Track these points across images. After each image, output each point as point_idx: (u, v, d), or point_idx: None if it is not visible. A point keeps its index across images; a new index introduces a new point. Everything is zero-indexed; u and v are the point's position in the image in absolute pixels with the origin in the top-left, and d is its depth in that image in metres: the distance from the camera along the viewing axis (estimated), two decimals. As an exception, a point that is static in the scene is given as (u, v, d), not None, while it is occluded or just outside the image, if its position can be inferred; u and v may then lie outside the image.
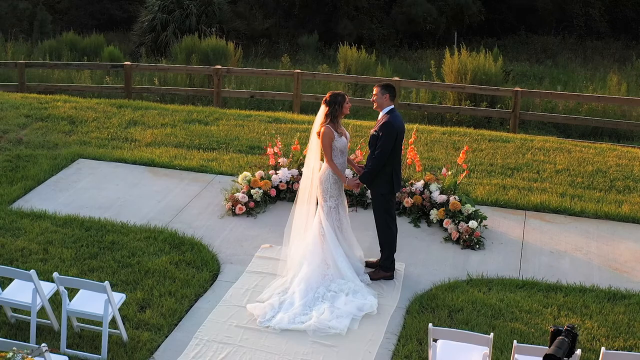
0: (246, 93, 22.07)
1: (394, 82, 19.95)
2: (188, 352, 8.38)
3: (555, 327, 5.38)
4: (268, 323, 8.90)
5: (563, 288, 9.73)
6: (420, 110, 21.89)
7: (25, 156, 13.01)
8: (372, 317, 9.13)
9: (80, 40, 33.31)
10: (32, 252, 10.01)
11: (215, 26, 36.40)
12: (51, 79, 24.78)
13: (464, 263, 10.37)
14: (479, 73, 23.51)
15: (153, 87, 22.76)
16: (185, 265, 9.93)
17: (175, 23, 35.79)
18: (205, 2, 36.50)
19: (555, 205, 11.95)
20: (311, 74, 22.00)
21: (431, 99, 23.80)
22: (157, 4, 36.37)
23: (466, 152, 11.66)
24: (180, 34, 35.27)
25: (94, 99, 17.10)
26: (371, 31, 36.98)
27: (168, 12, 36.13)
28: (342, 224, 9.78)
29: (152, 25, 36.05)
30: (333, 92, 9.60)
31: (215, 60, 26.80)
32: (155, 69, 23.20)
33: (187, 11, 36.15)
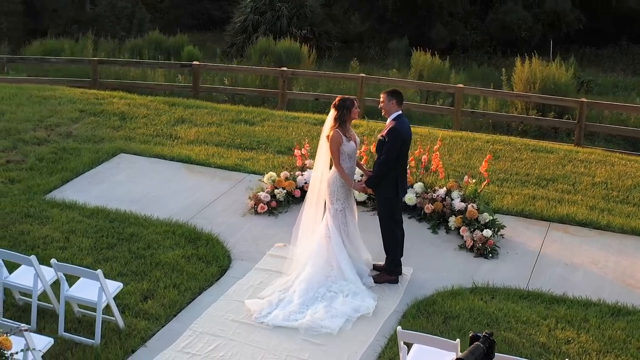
0: (311, 95, 22.38)
1: (458, 89, 19.91)
2: (179, 342, 8.67)
3: (474, 334, 5.43)
4: (263, 319, 9.12)
5: (567, 301, 9.64)
6: (484, 118, 21.76)
7: (71, 149, 13.60)
8: (367, 318, 9.24)
9: (165, 40, 34.20)
10: (53, 240, 10.50)
11: (307, 28, 36.87)
12: (128, 76, 25.58)
13: (474, 271, 10.37)
14: (548, 82, 23.18)
15: (220, 87, 23.31)
16: (196, 259, 10.24)
17: (266, 25, 36.37)
18: (297, 4, 36.98)
19: (582, 218, 11.80)
20: (375, 79, 22.12)
21: (499, 107, 23.58)
22: (249, 6, 37.04)
23: (488, 161, 11.64)
24: (271, 35, 35.85)
25: (148, 96, 17.62)
26: (464, 37, 36.74)
27: (260, 14, 36.76)
28: (349, 227, 9.91)
29: (244, 26, 36.74)
30: (342, 97, 9.76)
31: (288, 62, 27.21)
32: (222, 69, 23.75)
33: (279, 13, 36.69)
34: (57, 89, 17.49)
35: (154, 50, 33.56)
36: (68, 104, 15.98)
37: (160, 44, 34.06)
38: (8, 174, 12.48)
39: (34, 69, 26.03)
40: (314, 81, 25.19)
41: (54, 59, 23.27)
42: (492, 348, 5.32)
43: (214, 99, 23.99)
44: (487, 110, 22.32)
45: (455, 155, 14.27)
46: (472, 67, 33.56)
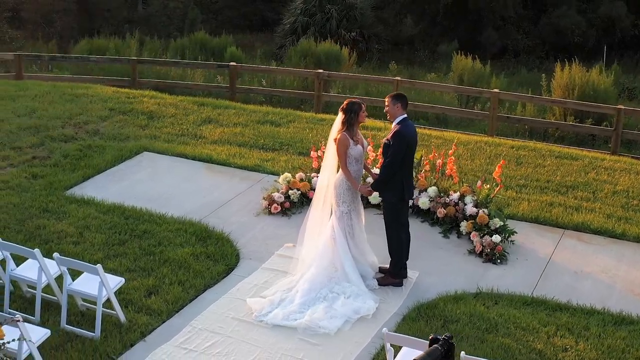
0: (345, 98, 22.37)
1: (493, 93, 19.80)
2: (178, 337, 8.83)
3: (434, 336, 5.46)
4: (263, 318, 9.24)
5: (570, 308, 9.58)
6: (520, 123, 21.61)
7: (96, 146, 13.89)
8: (367, 320, 9.30)
9: (210, 40, 34.53)
10: (67, 235, 10.75)
11: (356, 31, 36.97)
12: (168, 76, 25.94)
13: (480, 276, 10.36)
14: (587, 89, 22.89)
15: (257, 88, 23.49)
16: (204, 257, 10.40)
17: (315, 26, 36.58)
18: (347, 6, 37.12)
19: (597, 226, 11.69)
20: (410, 82, 22.11)
21: (538, 113, 23.39)
22: (299, 7, 37.29)
23: (502, 166, 11.58)
24: (320, 37, 36.06)
25: (181, 96, 17.87)
26: (516, 42, 36.49)
27: (309, 16, 36.98)
28: (354, 230, 9.97)
29: (293, 27, 36.99)
30: (350, 100, 9.83)
31: (328, 64, 27.32)
32: (259, 70, 23.91)
33: (328, 15, 36.85)
34: (90, 87, 17.87)
35: (199, 50, 33.94)
36: (99, 102, 16.30)
37: (205, 44, 34.42)
38: (32, 170, 12.80)
39: (79, 67, 26.53)
40: (354, 84, 25.28)
41: (94, 58, 23.72)
42: (450, 351, 5.34)
43: (251, 100, 24.29)
44: (524, 116, 22.08)
45: (478, 160, 14.23)
46: (520, 72, 33.34)
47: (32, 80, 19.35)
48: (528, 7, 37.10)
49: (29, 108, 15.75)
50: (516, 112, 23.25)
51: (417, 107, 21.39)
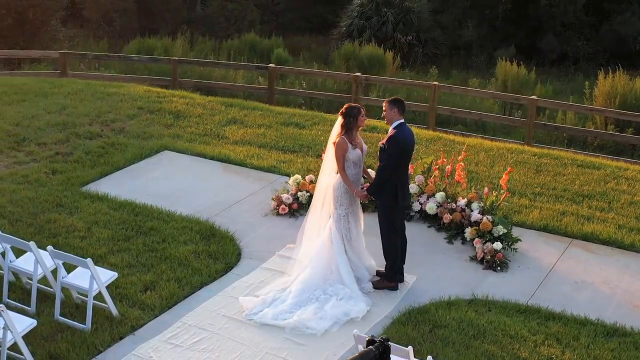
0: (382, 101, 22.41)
1: (531, 100, 19.65)
2: (166, 332, 9.03)
3: (372, 337, 5.54)
4: (253, 316, 9.38)
5: (564, 318, 9.52)
6: (558, 131, 21.40)
7: (118, 144, 14.21)
8: (356, 322, 9.36)
9: (260, 42, 34.85)
10: (76, 229, 11.06)
11: (412, 34, 36.98)
12: (211, 77, 26.29)
13: (478, 283, 10.34)
14: (629, 97, 22.55)
15: (295, 90, 23.67)
16: (205, 255, 10.59)
17: (371, 30, 36.69)
18: (403, 10, 37.13)
19: (606, 236, 11.56)
20: (448, 87, 22.04)
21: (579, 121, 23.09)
22: (356, 10, 37.43)
23: (509, 173, 11.56)
24: (376, 40, 36.15)
25: (209, 96, 18.13)
26: (576, 48, 35.97)
27: (366, 19, 37.11)
28: (351, 233, 10.05)
29: (349, 30, 37.14)
30: (350, 105, 9.92)
31: (370, 68, 27.40)
32: (297, 72, 24.10)
33: (384, 18, 36.93)
34: (123, 86, 18.25)
35: (248, 51, 34.33)
36: (128, 101, 16.65)
37: (255, 45, 34.79)
38: (53, 165, 13.16)
39: (126, 66, 27.06)
40: (395, 88, 25.25)
41: (136, 58, 24.18)
42: (385, 353, 5.42)
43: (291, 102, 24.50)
44: (563, 124, 21.82)
45: (497, 167, 14.16)
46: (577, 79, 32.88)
47: (68, 78, 19.82)
48: (590, 14, 36.53)
49: (60, 105, 16.18)
50: (556, 119, 22.97)
51: (454, 113, 21.35)
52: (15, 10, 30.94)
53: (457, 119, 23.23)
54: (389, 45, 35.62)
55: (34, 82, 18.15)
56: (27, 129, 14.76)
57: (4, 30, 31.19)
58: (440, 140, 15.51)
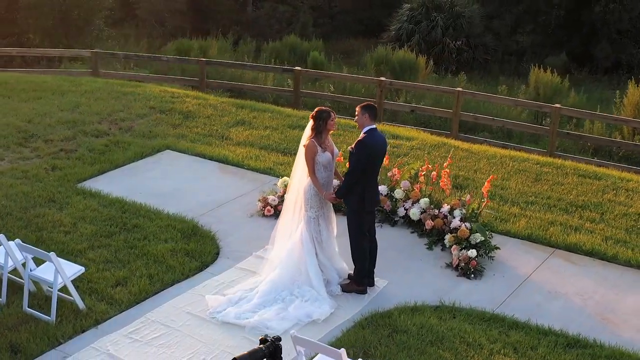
0: (407, 107, 22.51)
1: (554, 109, 19.47)
2: (129, 327, 9.26)
3: (265, 336, 5.67)
4: (216, 315, 9.56)
5: (527, 327, 9.49)
6: (582, 140, 21.19)
7: (122, 142, 14.54)
8: (317, 324, 9.48)
9: (300, 44, 35.04)
10: (62, 224, 11.38)
11: (462, 39, 36.91)
12: (243, 78, 26.59)
13: (450, 290, 10.36)
14: (658, 108, 22.22)
15: (320, 93, 23.81)
16: (182, 254, 10.81)
17: (420, 34, 36.71)
18: (454, 15, 37.08)
19: (589, 247, 11.47)
20: (472, 94, 21.97)
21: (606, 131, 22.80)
22: (406, 14, 37.51)
23: (491, 181, 11.56)
24: (425, 44, 36.19)
25: (222, 97, 18.39)
26: (631, 56, 35.45)
27: (415, 23, 37.13)
28: (322, 235, 10.17)
29: (398, 34, 37.23)
30: (320, 108, 10.04)
31: (402, 73, 27.42)
32: (322, 75, 24.25)
33: (433, 23, 36.93)
34: (140, 85, 18.63)
35: (289, 53, 34.57)
36: (142, 101, 17.00)
37: (295, 47, 35.00)
38: (54, 162, 13.54)
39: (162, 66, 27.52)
40: (420, 93, 25.28)
41: (165, 58, 24.60)
42: (276, 352, 5.54)
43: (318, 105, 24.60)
44: (588, 134, 21.56)
45: (496, 174, 14.08)
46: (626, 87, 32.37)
47: (87, 77, 20.28)
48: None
49: (74, 103, 16.60)
50: (584, 129, 22.71)
51: (478, 120, 21.25)
52: (59, 10, 31.69)
53: (484, 126, 23.14)
54: (438, 50, 35.67)
55: (55, 80, 18.65)
56: (38, 126, 15.20)
57: (49, 29, 31.98)
58: (444, 146, 15.51)
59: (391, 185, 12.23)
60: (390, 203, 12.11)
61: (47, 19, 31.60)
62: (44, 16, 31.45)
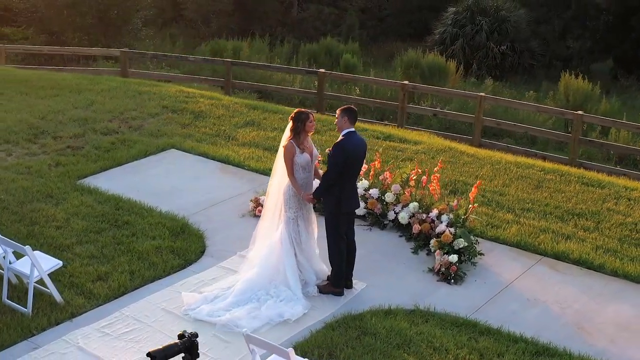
0: (429, 111, 22.51)
1: (576, 115, 19.29)
2: (102, 321, 9.46)
3: (183, 332, 5.80)
4: (189, 312, 9.72)
5: (498, 334, 9.46)
6: (603, 148, 20.97)
7: (129, 140, 14.81)
8: (288, 324, 9.58)
9: (337, 46, 35.15)
10: (55, 219, 11.65)
11: (506, 44, 36.75)
12: (271, 80, 26.81)
13: (428, 294, 10.38)
14: (686, 117, 21.85)
15: (343, 95, 23.89)
16: (167, 251, 11.00)
17: (464, 38, 36.67)
18: (499, 19, 36.96)
19: (577, 256, 11.39)
20: (494, 99, 21.88)
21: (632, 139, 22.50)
22: (450, 18, 37.52)
23: (478, 187, 11.53)
24: (469, 49, 36.13)
25: (239, 98, 18.57)
26: None
27: (459, 27, 37.09)
28: (301, 236, 10.27)
29: (442, 38, 37.23)
30: (299, 110, 10.16)
31: (431, 77, 27.37)
32: (346, 78, 24.30)
33: (478, 27, 36.85)
34: (157, 85, 18.92)
35: (324, 55, 34.73)
36: (156, 100, 17.28)
37: (331, 50, 35.16)
38: (59, 158, 13.85)
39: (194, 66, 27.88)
40: (445, 98, 25.22)
41: (192, 58, 24.89)
42: (192, 348, 5.66)
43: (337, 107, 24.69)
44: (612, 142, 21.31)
45: (497, 180, 14.09)
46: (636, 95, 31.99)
47: (106, 76, 20.63)
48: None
49: (89, 101, 16.94)
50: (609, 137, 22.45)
51: (499, 125, 21.15)
52: (97, 9, 32.27)
53: (509, 132, 23.03)
54: (481, 55, 35.54)
55: (75, 78, 19.04)
56: (50, 123, 15.55)
57: (87, 28, 32.58)
58: (449, 151, 15.50)
59: (382, 189, 12.27)
60: (381, 206, 12.15)
61: (85, 18, 32.19)
62: (82, 15, 32.05)
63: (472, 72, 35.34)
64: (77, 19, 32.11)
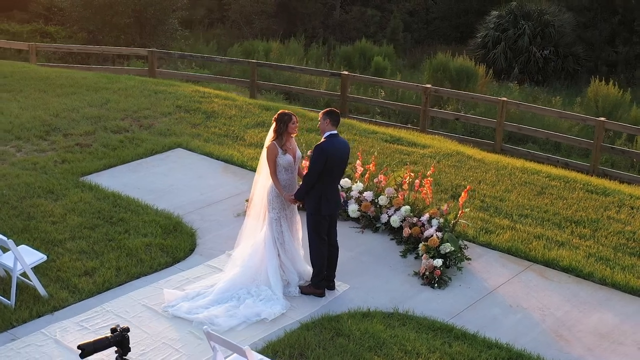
0: (451, 115, 22.45)
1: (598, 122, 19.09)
2: (82, 315, 9.66)
3: (116, 326, 5.95)
4: (169, 309, 9.87)
5: (473, 339, 9.46)
6: (624, 155, 20.72)
7: (137, 139, 15.05)
8: (265, 324, 9.69)
9: (371, 49, 35.23)
10: (52, 215, 11.91)
11: (550, 49, 36.55)
12: (299, 81, 26.96)
13: (410, 298, 10.41)
14: None
15: (365, 98, 23.95)
16: (157, 248, 11.17)
17: (506, 42, 36.56)
18: (542, 23, 36.81)
19: (566, 263, 11.32)
20: (515, 104, 21.69)
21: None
22: (493, 22, 37.45)
23: (468, 191, 11.54)
24: (510, 52, 36.00)
25: (255, 99, 18.71)
26: None
27: (501, 31, 37.01)
28: (284, 237, 10.37)
29: (484, 42, 37.16)
30: (282, 112, 10.28)
31: (459, 81, 27.27)
32: (369, 80, 24.32)
33: (520, 31, 36.71)
34: (174, 85, 19.16)
35: (359, 57, 34.83)
36: (171, 99, 17.52)
37: (365, 52, 35.26)
38: (65, 155, 14.13)
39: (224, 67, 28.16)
40: (467, 102, 25.11)
41: (218, 59, 25.12)
42: (123, 342, 5.79)
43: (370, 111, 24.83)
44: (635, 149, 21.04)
45: (501, 185, 14.05)
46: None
47: (125, 75, 20.94)
48: None
49: (104, 99, 17.24)
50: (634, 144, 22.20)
51: (521, 130, 21.04)
52: (133, 9, 32.74)
53: (534, 138, 22.89)
54: (524, 59, 35.33)
55: (94, 76, 19.38)
56: (63, 120, 15.87)
57: (124, 28, 33.08)
58: (456, 155, 15.47)
59: (377, 192, 12.32)
60: (374, 209, 12.20)
61: (121, 17, 32.68)
62: (118, 15, 32.53)
63: (513, 77, 35.14)
64: (114, 19, 32.59)
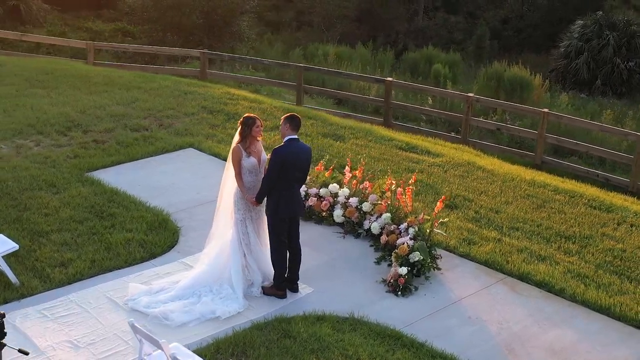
0: (492, 124, 22.29)
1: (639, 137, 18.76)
2: (46, 304, 10.08)
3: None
4: (129, 302, 10.23)
5: (419, 349, 9.47)
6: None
7: (152, 138, 15.52)
8: (218, 321, 9.92)
9: (437, 56, 35.14)
10: (47, 207, 12.44)
11: (635, 60, 35.90)
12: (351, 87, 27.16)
13: (370, 304, 10.49)
14: None
15: (408, 104, 23.94)
16: (136, 244, 11.55)
17: (589, 52, 36.05)
18: (628, 34, 36.17)
19: (540, 278, 11.22)
20: (557, 116, 21.38)
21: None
22: (577, 31, 36.96)
23: (443, 201, 11.54)
24: (594, 63, 35.49)
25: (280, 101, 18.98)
26: None
27: (585, 41, 36.50)
28: (249, 238, 10.62)
29: (567, 51, 36.73)
30: (247, 115, 10.54)
31: (512, 91, 26.98)
32: (411, 87, 24.31)
33: (604, 41, 36.15)
34: (206, 86, 19.64)
35: (424, 64, 34.81)
36: (197, 100, 17.97)
37: (431, 59, 35.21)
38: (78, 151, 14.71)
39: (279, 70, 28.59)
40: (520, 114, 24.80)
41: (266, 61, 25.49)
42: (1, 328, 6.14)
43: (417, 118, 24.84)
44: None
45: (501, 197, 13.96)
46: None
47: (161, 75, 21.47)
48: None
49: (133, 98, 17.81)
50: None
51: (561, 143, 20.74)
52: (201, 10, 33.50)
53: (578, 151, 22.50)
54: (607, 70, 34.69)
55: (130, 76, 20.00)
56: (88, 117, 16.49)
57: (192, 29, 33.88)
58: (467, 165, 15.42)
59: (362, 198, 12.44)
60: (358, 215, 12.32)
61: (189, 18, 33.47)
62: (185, 16, 33.34)
63: (595, 89, 34.55)
64: (182, 20, 33.40)
